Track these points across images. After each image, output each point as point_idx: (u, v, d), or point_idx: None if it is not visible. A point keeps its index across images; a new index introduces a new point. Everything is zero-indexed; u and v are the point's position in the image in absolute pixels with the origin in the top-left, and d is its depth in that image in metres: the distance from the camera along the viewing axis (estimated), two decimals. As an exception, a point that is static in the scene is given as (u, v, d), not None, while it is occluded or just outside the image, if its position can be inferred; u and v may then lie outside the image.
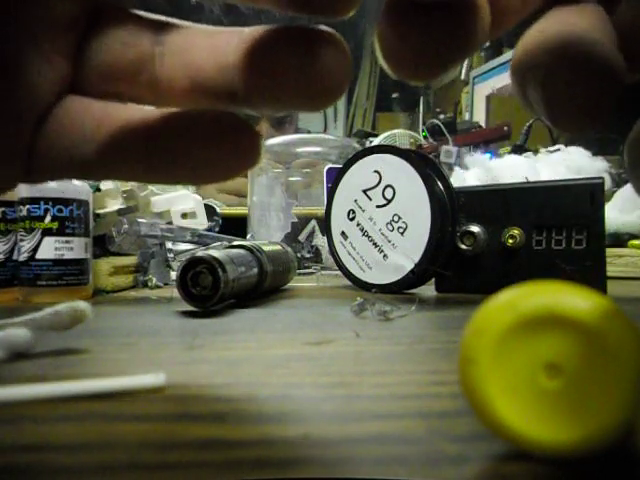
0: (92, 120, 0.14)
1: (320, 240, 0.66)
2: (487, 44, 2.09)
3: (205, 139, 0.14)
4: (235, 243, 0.44)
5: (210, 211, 0.70)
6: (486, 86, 1.89)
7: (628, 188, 0.72)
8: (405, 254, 0.44)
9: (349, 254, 0.49)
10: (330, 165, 0.69)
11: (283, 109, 0.14)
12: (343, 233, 0.49)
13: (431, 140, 1.27)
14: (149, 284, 0.50)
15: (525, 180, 0.63)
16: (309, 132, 1.41)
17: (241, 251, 0.40)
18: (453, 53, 0.12)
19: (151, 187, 0.58)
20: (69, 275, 0.42)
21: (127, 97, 0.14)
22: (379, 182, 0.46)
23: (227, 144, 0.14)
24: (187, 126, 0.14)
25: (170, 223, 0.57)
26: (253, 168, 0.14)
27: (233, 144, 0.14)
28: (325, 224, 0.52)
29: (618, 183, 0.81)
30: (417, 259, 0.43)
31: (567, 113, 0.12)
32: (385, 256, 0.46)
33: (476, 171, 0.82)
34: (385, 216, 0.46)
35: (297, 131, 1.35)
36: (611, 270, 0.52)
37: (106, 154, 0.14)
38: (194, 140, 0.14)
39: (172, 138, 0.14)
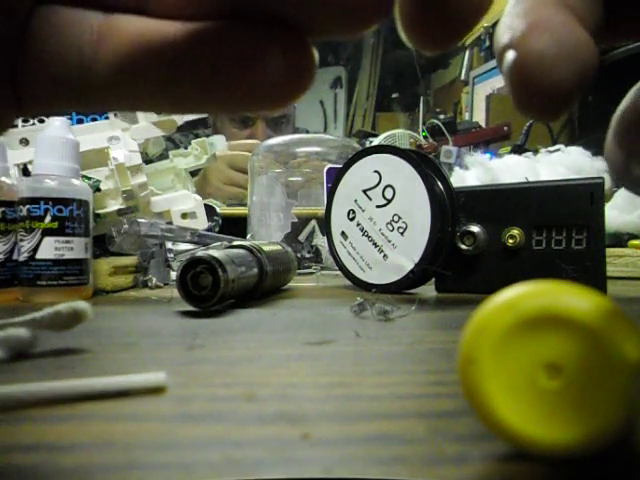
0: (91, 34, 0.12)
1: (320, 240, 0.66)
2: (487, 44, 2.09)
3: (247, 56, 0.11)
4: (235, 243, 0.44)
5: (210, 211, 0.70)
6: (486, 86, 1.89)
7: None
8: (405, 254, 0.44)
9: (349, 254, 0.49)
10: (330, 165, 0.69)
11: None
12: (343, 233, 0.50)
13: (431, 140, 1.27)
14: (149, 284, 0.50)
15: (525, 180, 0.63)
16: (307, 132, 1.41)
17: (241, 251, 0.40)
18: (472, 18, 0.11)
19: (151, 187, 0.58)
20: (69, 275, 0.42)
21: (102, 4, 0.12)
22: (379, 182, 0.46)
23: (279, 62, 0.11)
24: (223, 41, 0.11)
25: (170, 223, 0.57)
26: (302, 95, 0.12)
27: (286, 62, 0.11)
28: (325, 224, 0.52)
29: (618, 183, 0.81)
30: (417, 259, 0.43)
31: (533, 105, 0.11)
32: (385, 256, 0.46)
33: (476, 171, 0.82)
34: (385, 216, 0.46)
35: (296, 131, 1.35)
36: (611, 270, 0.52)
37: (116, 76, 0.12)
38: (232, 58, 0.11)
39: (203, 57, 0.11)
